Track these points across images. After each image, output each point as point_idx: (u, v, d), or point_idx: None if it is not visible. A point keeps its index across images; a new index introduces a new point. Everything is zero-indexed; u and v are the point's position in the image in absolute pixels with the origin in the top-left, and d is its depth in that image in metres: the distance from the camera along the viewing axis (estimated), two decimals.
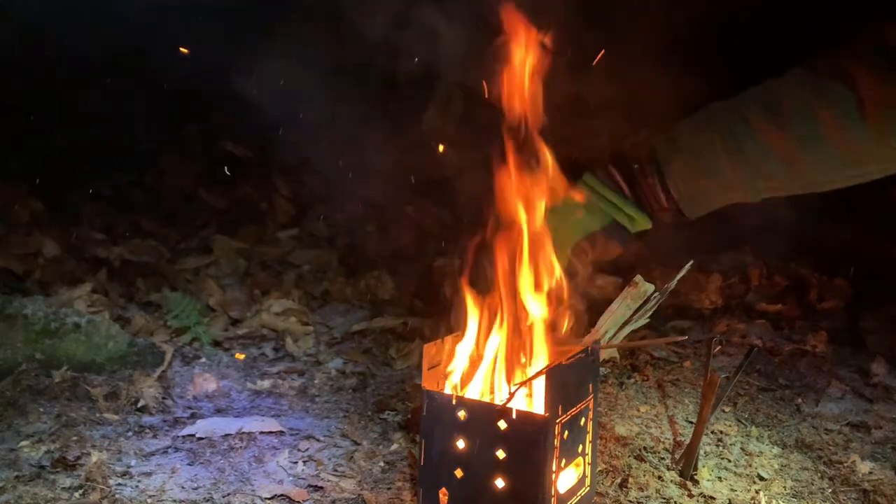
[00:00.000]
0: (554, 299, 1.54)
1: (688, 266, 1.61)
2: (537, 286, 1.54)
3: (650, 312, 1.63)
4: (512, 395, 1.38)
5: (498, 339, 1.58)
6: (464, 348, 1.59)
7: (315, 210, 4.12)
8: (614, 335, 1.63)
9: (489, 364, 1.57)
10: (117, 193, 4.00)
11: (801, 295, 3.18)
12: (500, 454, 1.41)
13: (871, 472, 1.84)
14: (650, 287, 1.59)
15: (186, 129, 4.68)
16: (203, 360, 2.47)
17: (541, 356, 1.57)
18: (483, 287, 1.55)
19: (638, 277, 1.59)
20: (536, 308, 1.54)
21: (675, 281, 1.59)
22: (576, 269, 1.61)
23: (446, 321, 1.63)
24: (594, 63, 1.69)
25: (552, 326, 1.58)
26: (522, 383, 1.41)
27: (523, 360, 1.56)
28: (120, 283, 3.02)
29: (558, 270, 1.52)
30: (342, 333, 2.81)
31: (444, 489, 1.48)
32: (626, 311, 1.61)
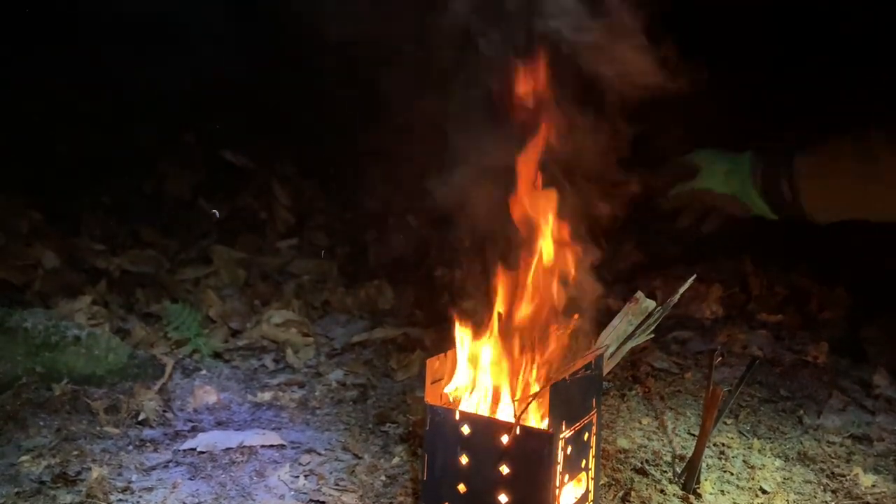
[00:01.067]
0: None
1: (690, 280, 1.62)
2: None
3: (653, 327, 1.63)
4: (519, 416, 1.38)
5: (501, 352, 1.58)
6: (466, 362, 1.58)
7: (315, 219, 4.13)
8: (616, 350, 1.62)
9: (493, 378, 1.57)
10: (116, 203, 3.99)
11: (801, 305, 3.18)
12: (504, 469, 1.41)
13: (873, 486, 1.83)
14: (651, 303, 1.59)
15: (186, 137, 4.68)
16: (203, 371, 2.47)
17: (545, 371, 1.57)
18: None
19: (639, 294, 1.60)
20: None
21: (677, 295, 1.60)
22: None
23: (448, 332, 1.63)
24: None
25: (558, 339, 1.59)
26: (528, 400, 1.40)
27: (529, 374, 1.56)
28: (120, 295, 3.01)
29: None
30: (342, 344, 2.80)
31: None
32: (627, 326, 1.61)
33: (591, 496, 1.58)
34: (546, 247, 1.60)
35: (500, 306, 1.58)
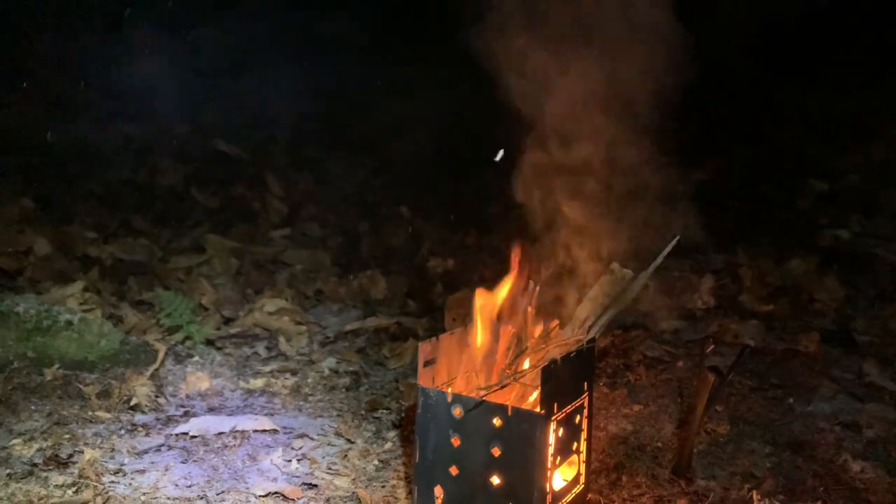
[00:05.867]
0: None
1: (673, 242, 1.58)
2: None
3: (635, 293, 1.61)
4: (497, 387, 1.39)
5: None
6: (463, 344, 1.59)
7: (308, 209, 4.13)
8: (595, 322, 1.61)
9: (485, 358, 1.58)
10: (109, 192, 3.98)
11: (792, 295, 3.19)
12: (496, 451, 1.41)
13: (862, 471, 1.85)
14: (627, 273, 1.57)
15: (179, 128, 4.67)
16: (196, 358, 2.46)
17: (535, 352, 1.57)
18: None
19: (614, 264, 1.58)
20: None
21: (660, 257, 1.57)
22: None
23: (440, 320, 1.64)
24: None
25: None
26: (516, 376, 1.41)
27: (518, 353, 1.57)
28: (112, 282, 3.01)
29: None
30: (335, 333, 2.80)
31: (439, 486, 1.48)
32: (604, 297, 1.60)
33: (582, 479, 1.59)
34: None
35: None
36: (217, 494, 1.62)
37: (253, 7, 4.88)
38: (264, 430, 1.95)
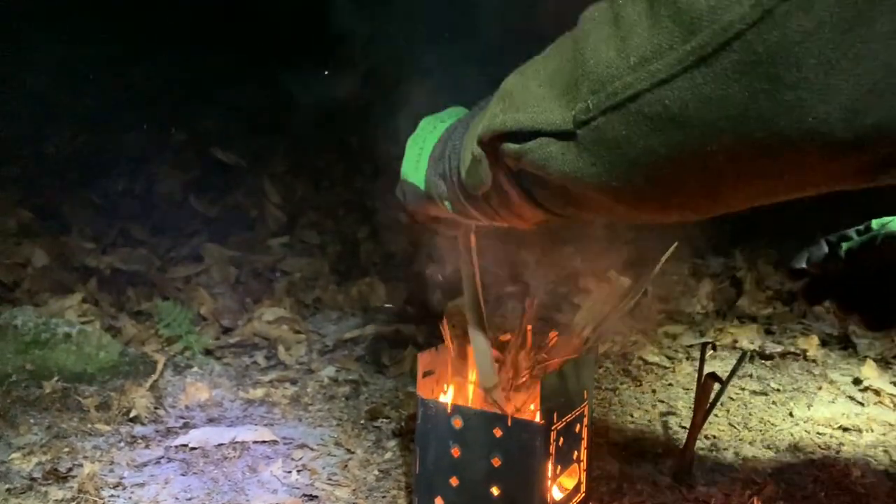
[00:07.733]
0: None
1: (671, 249, 1.59)
2: None
3: (634, 301, 1.61)
4: (503, 397, 1.39)
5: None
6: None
7: (306, 217, 4.13)
8: (594, 329, 1.61)
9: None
10: (107, 202, 3.97)
11: (792, 299, 3.19)
12: (496, 462, 1.41)
13: (863, 476, 1.85)
14: (626, 281, 1.58)
15: (176, 136, 4.67)
16: (195, 369, 2.46)
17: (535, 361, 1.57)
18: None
19: (612, 273, 1.59)
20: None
21: (658, 266, 1.58)
22: None
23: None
24: None
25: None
26: (518, 385, 1.41)
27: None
28: (110, 293, 3.00)
29: None
30: (334, 341, 2.80)
31: (439, 497, 1.47)
32: (602, 305, 1.60)
33: (583, 488, 1.59)
34: None
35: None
36: None
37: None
38: (264, 441, 1.95)
